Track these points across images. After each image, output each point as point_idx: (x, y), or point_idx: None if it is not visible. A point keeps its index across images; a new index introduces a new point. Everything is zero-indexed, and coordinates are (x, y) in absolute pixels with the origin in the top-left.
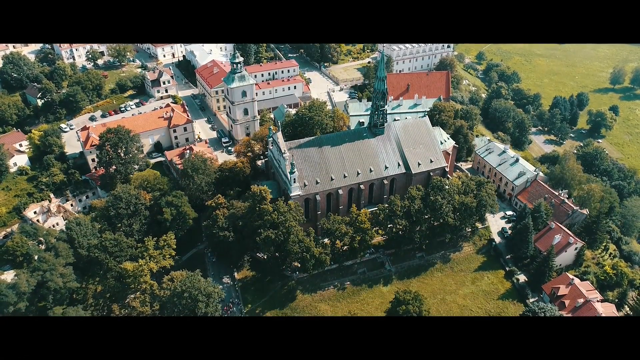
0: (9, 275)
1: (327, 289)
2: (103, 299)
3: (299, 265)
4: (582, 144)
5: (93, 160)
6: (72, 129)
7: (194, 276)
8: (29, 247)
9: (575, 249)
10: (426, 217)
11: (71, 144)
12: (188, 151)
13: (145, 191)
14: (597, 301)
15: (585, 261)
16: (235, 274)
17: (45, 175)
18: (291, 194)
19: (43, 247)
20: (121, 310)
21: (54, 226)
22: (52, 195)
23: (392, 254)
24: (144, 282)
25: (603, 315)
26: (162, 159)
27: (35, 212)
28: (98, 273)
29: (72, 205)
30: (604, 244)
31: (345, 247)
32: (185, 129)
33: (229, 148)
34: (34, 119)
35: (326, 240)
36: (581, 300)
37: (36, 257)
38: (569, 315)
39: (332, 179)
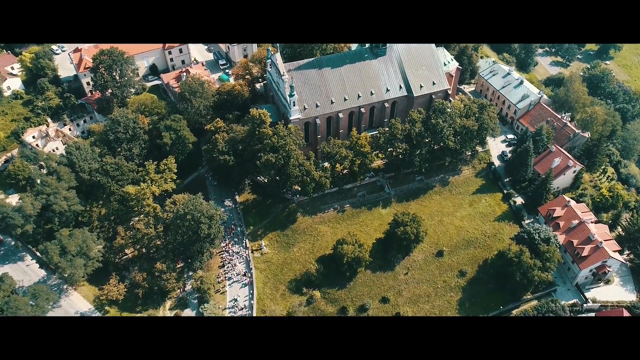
0: (13, 199)
1: (327, 211)
2: (108, 222)
3: (300, 188)
4: (589, 66)
5: (88, 83)
6: (63, 51)
7: (196, 199)
8: (31, 172)
9: (574, 172)
10: (427, 140)
11: (64, 66)
12: (185, 74)
13: (143, 115)
14: (591, 222)
15: (583, 184)
16: (237, 197)
17: (40, 99)
18: (291, 118)
19: (44, 171)
20: (126, 232)
21: (53, 151)
22: (49, 120)
23: (391, 178)
24: (147, 205)
25: (595, 235)
26: (158, 82)
27: (34, 137)
28: (101, 196)
29: (70, 129)
30: (602, 167)
31: (345, 170)
32: (180, 51)
33: (227, 70)
34: None
35: (326, 164)
36: (575, 222)
37: (39, 181)
38: (563, 236)
39: (332, 102)
